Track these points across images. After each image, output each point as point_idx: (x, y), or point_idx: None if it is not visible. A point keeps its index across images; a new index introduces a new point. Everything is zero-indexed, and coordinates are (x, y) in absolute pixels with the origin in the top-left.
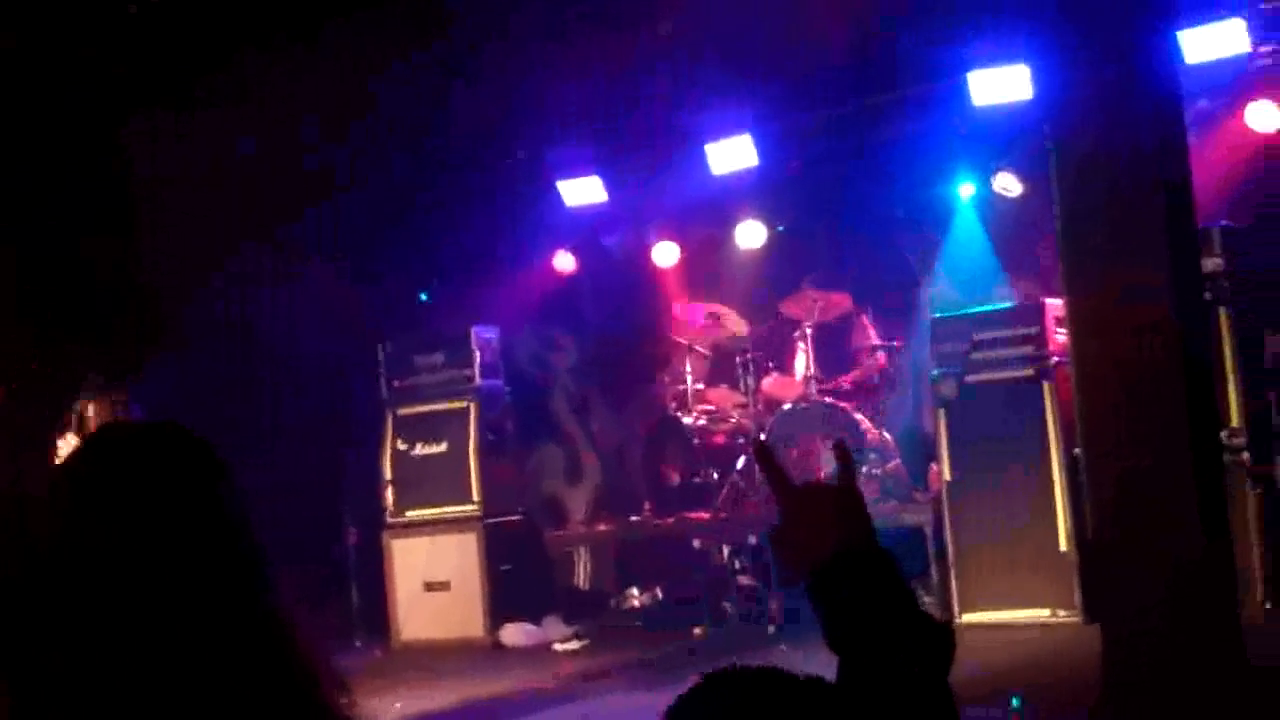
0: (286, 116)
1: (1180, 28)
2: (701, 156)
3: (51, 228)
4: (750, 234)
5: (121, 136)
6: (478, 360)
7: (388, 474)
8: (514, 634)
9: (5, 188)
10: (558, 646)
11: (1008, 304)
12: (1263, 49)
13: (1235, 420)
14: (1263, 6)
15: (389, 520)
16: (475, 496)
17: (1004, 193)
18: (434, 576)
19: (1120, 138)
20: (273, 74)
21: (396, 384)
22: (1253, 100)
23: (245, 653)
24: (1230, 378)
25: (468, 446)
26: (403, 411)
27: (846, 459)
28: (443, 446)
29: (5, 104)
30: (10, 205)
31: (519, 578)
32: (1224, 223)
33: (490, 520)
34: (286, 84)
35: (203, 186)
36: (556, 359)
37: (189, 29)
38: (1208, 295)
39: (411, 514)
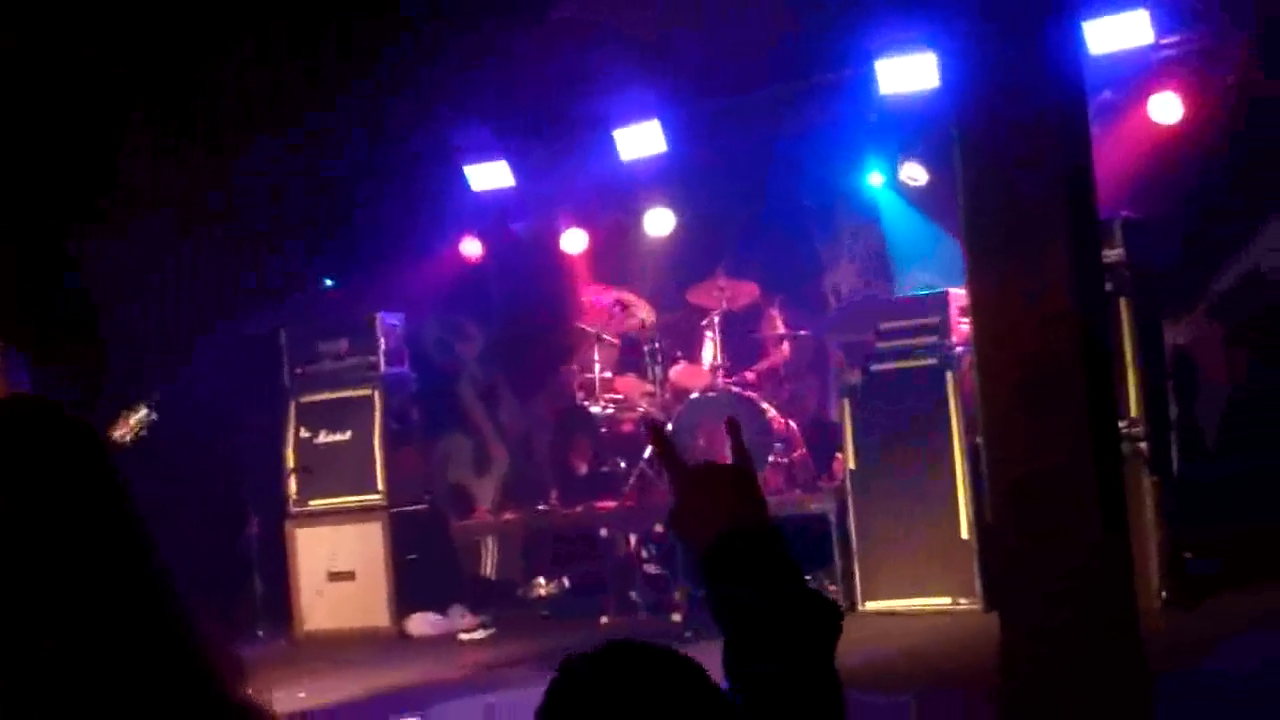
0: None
1: (1085, 18)
2: (610, 142)
3: None
4: (659, 221)
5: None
6: (382, 347)
7: (290, 462)
8: (419, 624)
9: None
10: (463, 636)
11: (912, 293)
12: (1166, 41)
13: (1134, 410)
14: None
15: (292, 509)
16: (380, 485)
17: (910, 182)
18: (338, 566)
19: (1024, 127)
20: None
21: (299, 371)
22: (1156, 92)
23: (134, 635)
24: (1130, 368)
25: (372, 434)
26: (306, 399)
27: (738, 438)
28: (347, 435)
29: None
30: None
31: (425, 567)
32: (1125, 214)
33: (395, 509)
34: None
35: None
36: (463, 346)
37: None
38: (1109, 286)
39: (315, 503)
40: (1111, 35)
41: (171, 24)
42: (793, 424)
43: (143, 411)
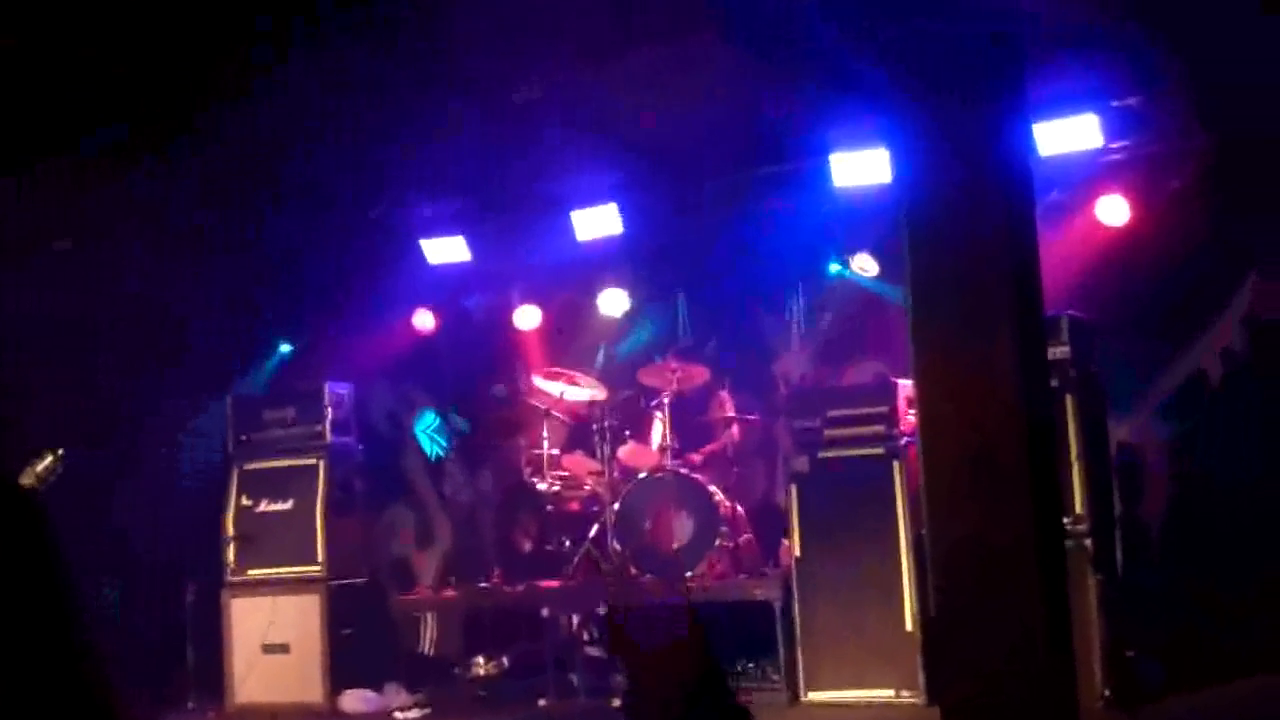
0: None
1: (1036, 121)
2: (567, 222)
3: None
4: (612, 302)
5: None
6: (330, 416)
7: (230, 530)
8: (353, 700)
9: None
10: (398, 715)
11: (861, 383)
12: (1114, 145)
13: (1079, 507)
14: (1115, 105)
15: (229, 578)
16: (320, 557)
17: (861, 273)
18: (273, 638)
19: (973, 224)
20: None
21: (244, 438)
22: (1103, 194)
23: (48, 708)
24: (1075, 464)
25: (315, 504)
26: (249, 466)
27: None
28: (289, 504)
29: None
30: None
31: (362, 642)
32: (1072, 313)
33: (334, 581)
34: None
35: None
36: (411, 417)
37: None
38: (1054, 382)
39: (253, 573)
40: (1061, 138)
41: (125, 91)
42: (739, 508)
43: (49, 459)
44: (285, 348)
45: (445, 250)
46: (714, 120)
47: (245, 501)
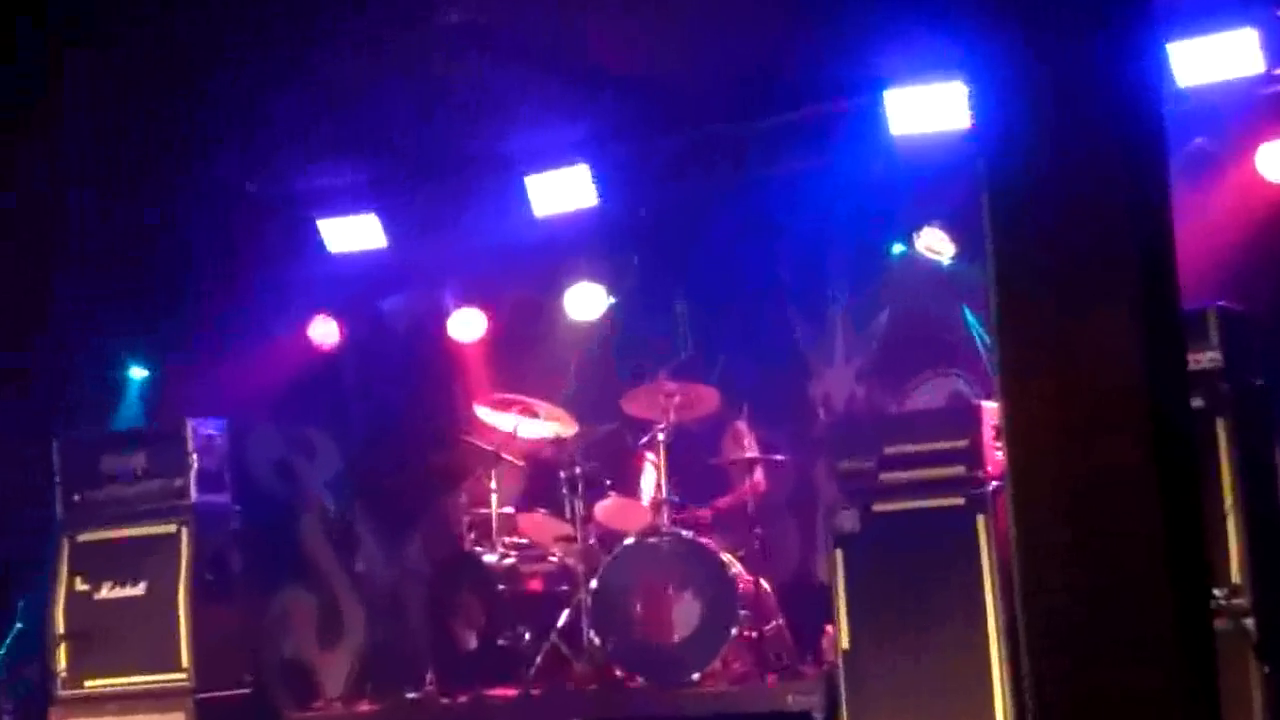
0: None
1: (1172, 39)
2: (520, 192)
3: None
4: (584, 301)
5: None
6: (195, 466)
7: (60, 626)
8: None
9: None
10: None
11: (932, 408)
12: None
13: (1236, 574)
14: None
15: (60, 692)
16: (185, 661)
17: (930, 254)
18: None
19: (1080, 183)
20: None
21: (76, 498)
22: (1268, 140)
23: None
24: (1230, 515)
25: (176, 589)
26: (85, 537)
27: None
28: (140, 589)
29: None
30: None
31: None
32: (1223, 304)
33: (205, 695)
34: None
35: None
36: (309, 468)
37: None
38: (1199, 401)
39: (93, 684)
40: (1208, 62)
41: None
42: (765, 584)
43: None
44: (137, 373)
45: (352, 234)
46: (720, 48)
47: (80, 586)
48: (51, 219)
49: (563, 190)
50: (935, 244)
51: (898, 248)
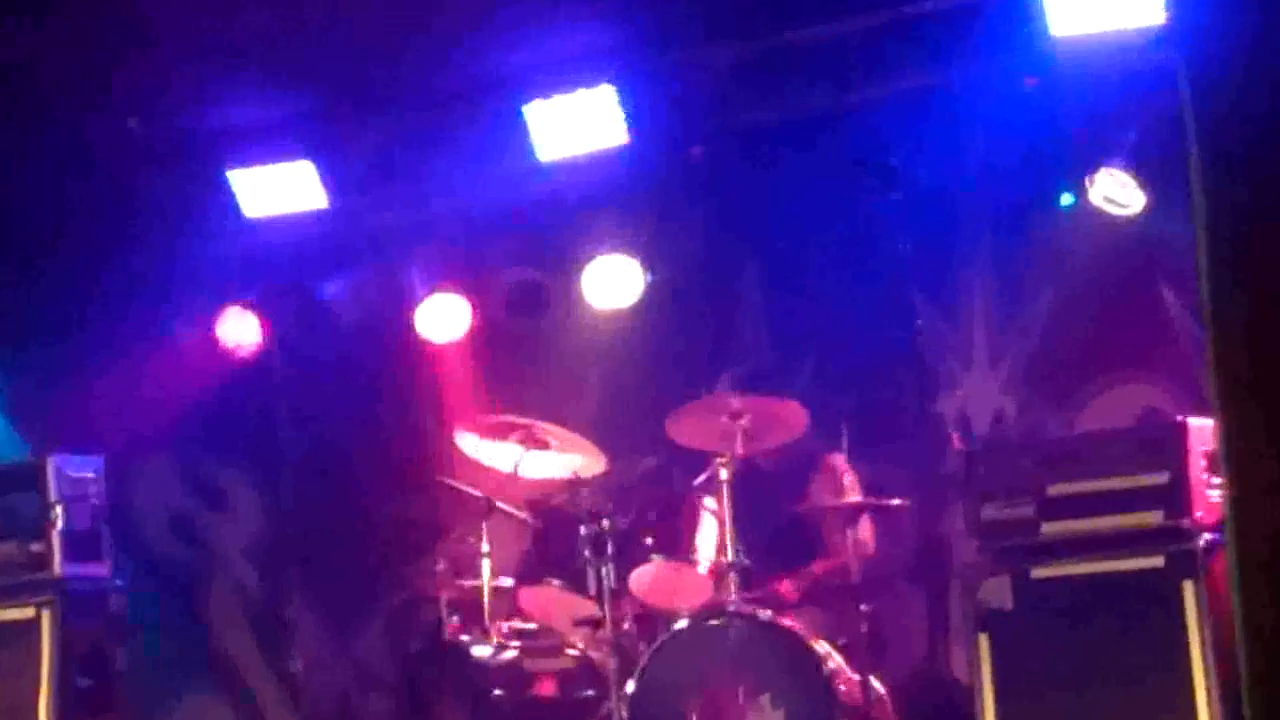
0: None
1: None
2: (518, 127)
3: None
4: (610, 283)
5: None
6: (59, 524)
7: None
8: None
9: None
10: None
11: (1116, 429)
12: None
13: None
14: None
15: None
16: None
17: (1109, 208)
18: None
19: None
20: None
21: None
22: None
23: None
24: None
25: (35, 699)
26: None
27: None
28: None
29: None
30: None
31: None
32: None
33: None
34: None
35: None
36: (222, 524)
37: None
38: None
39: None
40: None
41: None
42: (877, 684)
43: None
44: None
45: (277, 190)
46: None
47: None
48: None
49: (578, 123)
50: (1117, 193)
51: (1064, 199)
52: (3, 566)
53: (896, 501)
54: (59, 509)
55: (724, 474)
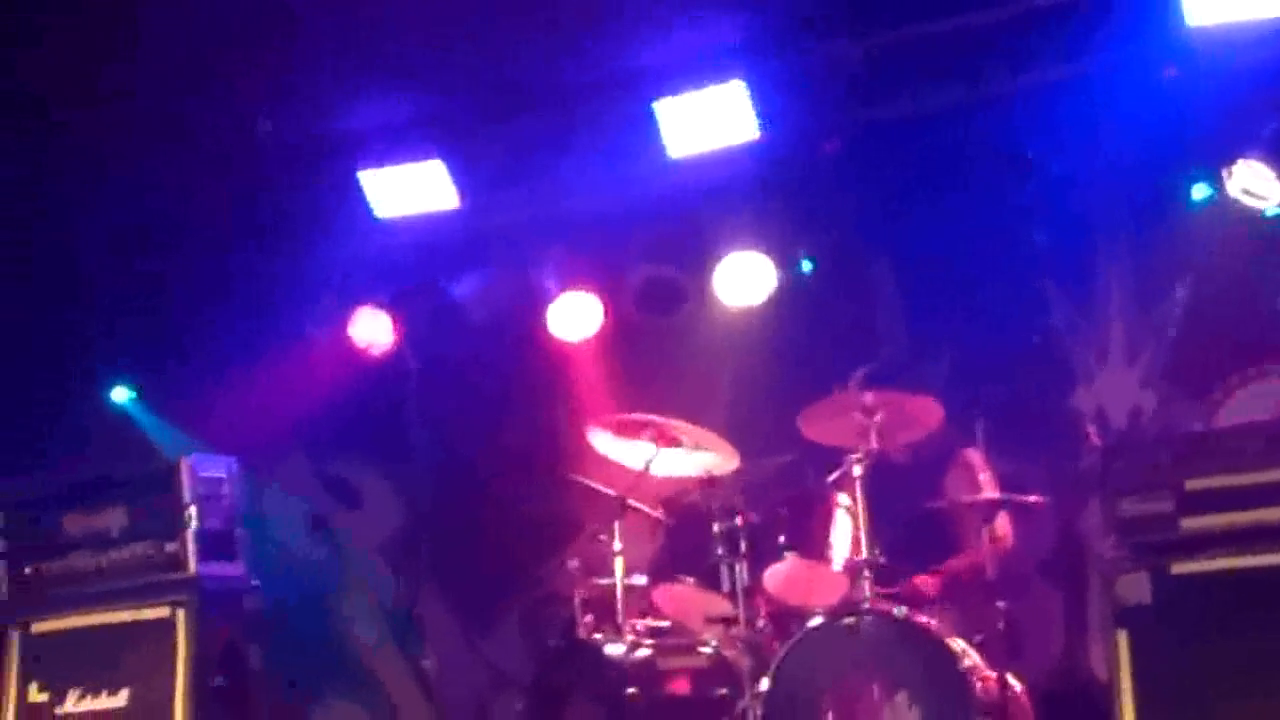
0: None
1: None
2: (648, 125)
3: None
4: (743, 279)
5: None
6: (194, 524)
7: None
8: None
9: None
10: None
11: (1258, 421)
12: None
13: None
14: None
15: None
16: None
17: (1247, 200)
18: None
19: None
20: None
21: (28, 571)
22: None
23: None
24: None
25: (171, 698)
26: (40, 627)
27: None
28: (121, 698)
29: None
30: None
31: None
32: None
33: None
34: None
35: None
36: (356, 525)
37: None
38: None
39: None
40: None
41: None
42: (1014, 682)
43: None
44: (121, 394)
45: (409, 191)
46: None
47: (36, 695)
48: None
49: (709, 119)
50: (1257, 185)
51: (1200, 192)
52: (138, 567)
53: (1033, 497)
54: (193, 509)
55: (858, 470)
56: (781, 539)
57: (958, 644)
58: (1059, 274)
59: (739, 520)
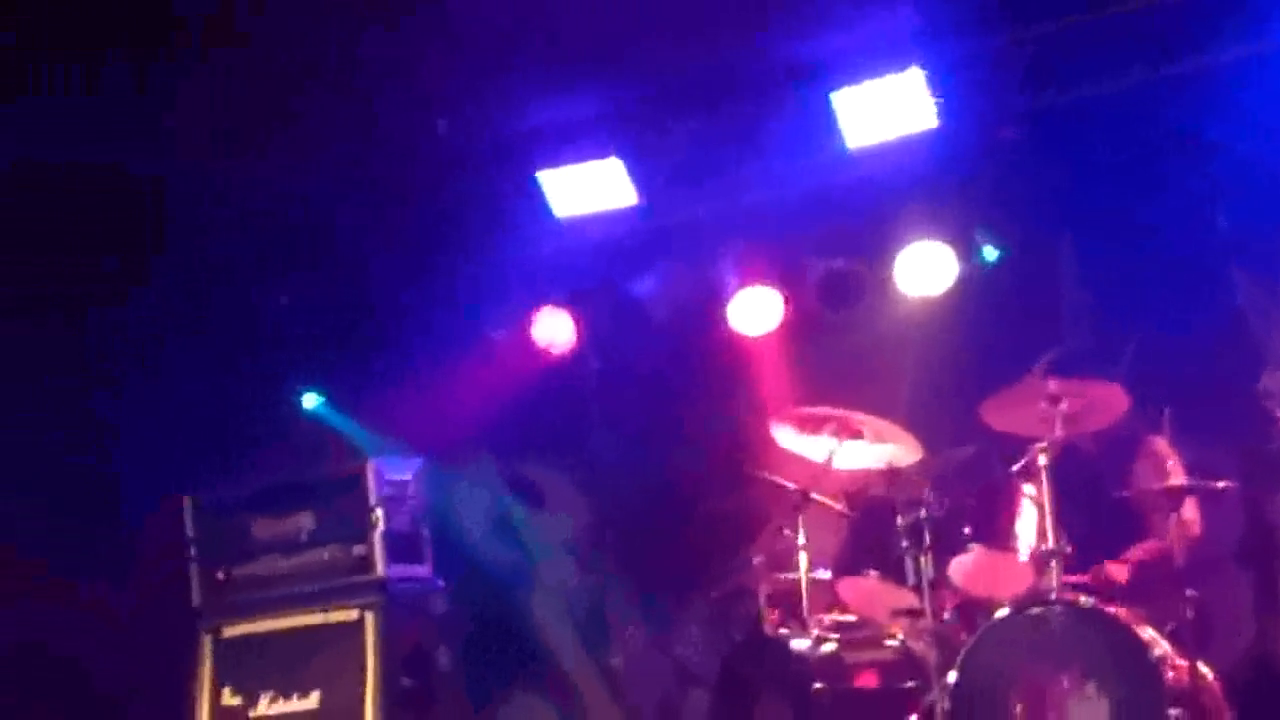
0: None
1: None
2: (825, 117)
3: None
4: (924, 270)
5: None
6: (380, 527)
7: None
8: None
9: None
10: None
11: None
12: None
13: None
14: None
15: None
16: None
17: None
18: None
19: None
20: None
21: (221, 575)
22: None
23: None
24: None
25: (361, 700)
26: (232, 631)
27: None
28: (312, 700)
29: None
30: None
31: None
32: None
33: None
34: None
35: None
36: (542, 523)
37: None
38: None
39: None
40: None
41: None
42: (1205, 671)
43: None
44: (312, 399)
45: (588, 189)
46: None
47: (229, 699)
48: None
49: (887, 108)
50: None
51: None
52: (327, 570)
53: (1221, 484)
54: (380, 512)
55: (1043, 459)
56: (966, 530)
57: (1147, 632)
58: (1244, 257)
59: (923, 512)
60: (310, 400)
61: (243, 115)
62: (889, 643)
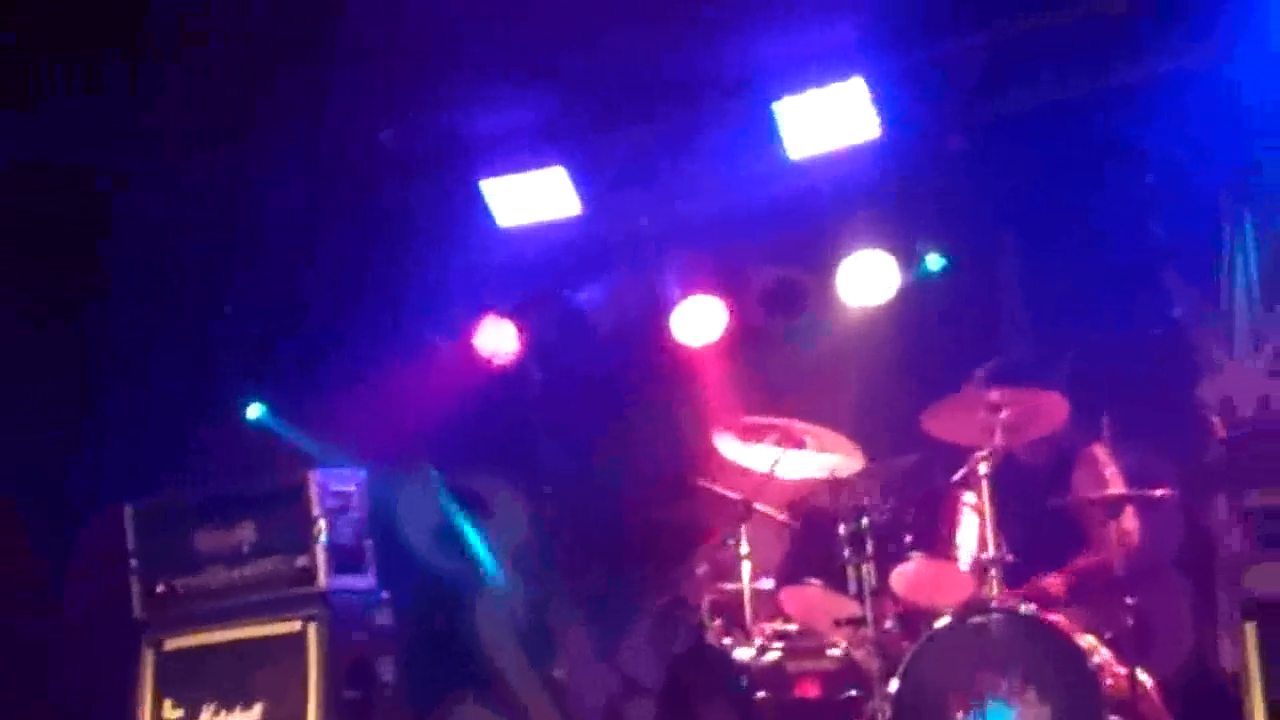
0: None
1: None
2: (768, 126)
3: None
4: (867, 279)
5: None
6: (323, 538)
7: None
8: None
9: None
10: None
11: None
12: None
13: None
14: None
15: None
16: None
17: None
18: None
19: None
20: None
21: (160, 589)
22: None
23: None
24: None
25: (304, 711)
26: (173, 644)
27: None
28: (254, 713)
29: None
30: None
31: None
32: None
33: None
34: None
35: None
36: (485, 534)
37: None
38: None
39: None
40: None
41: None
42: (1145, 678)
43: None
44: (255, 409)
45: (530, 198)
46: None
47: (171, 713)
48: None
49: (829, 118)
50: None
51: None
52: (269, 581)
53: (1160, 492)
54: (323, 523)
55: (984, 468)
56: (908, 539)
57: (1087, 640)
58: (1182, 265)
59: (865, 521)
60: (253, 410)
61: (183, 123)
62: (831, 652)
